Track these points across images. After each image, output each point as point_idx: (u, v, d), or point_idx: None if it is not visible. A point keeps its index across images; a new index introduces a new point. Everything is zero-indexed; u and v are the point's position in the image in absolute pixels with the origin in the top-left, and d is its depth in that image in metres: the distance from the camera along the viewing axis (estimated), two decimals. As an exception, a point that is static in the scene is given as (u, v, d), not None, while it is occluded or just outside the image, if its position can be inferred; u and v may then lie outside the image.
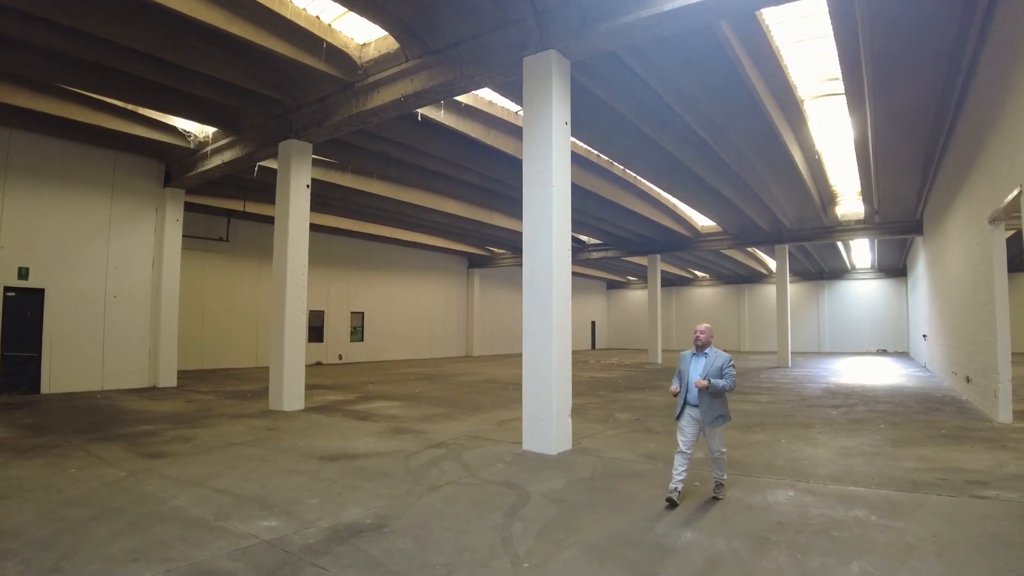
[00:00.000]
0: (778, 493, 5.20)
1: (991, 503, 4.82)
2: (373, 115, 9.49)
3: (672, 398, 5.23)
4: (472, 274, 31.41)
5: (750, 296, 39.10)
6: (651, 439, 7.80)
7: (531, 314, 7.18)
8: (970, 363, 10.42)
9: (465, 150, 13.86)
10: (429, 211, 19.86)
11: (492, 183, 16.54)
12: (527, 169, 7.33)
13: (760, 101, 10.35)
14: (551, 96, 7.15)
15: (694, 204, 19.98)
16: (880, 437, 7.62)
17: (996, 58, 7.50)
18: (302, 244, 10.62)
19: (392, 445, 7.34)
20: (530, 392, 7.12)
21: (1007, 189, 7.21)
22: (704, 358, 5.01)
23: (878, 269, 33.61)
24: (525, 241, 7.30)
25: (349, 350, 24.85)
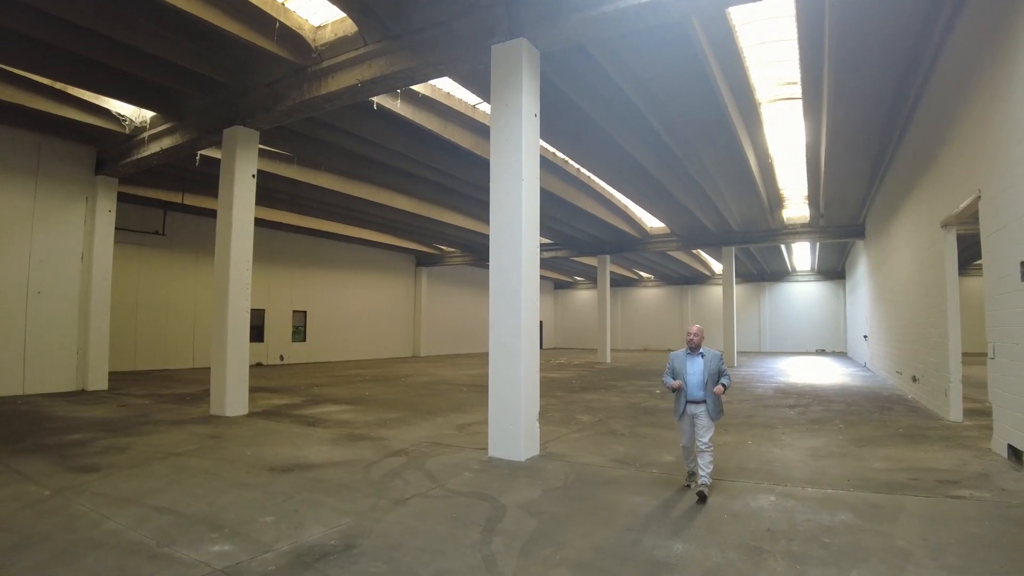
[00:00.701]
0: (759, 498, 5.06)
1: (967, 503, 4.82)
2: (327, 102, 8.92)
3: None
4: (420, 273, 30.79)
5: (693, 297, 40.06)
6: (618, 442, 7.60)
7: (498, 314, 6.83)
8: (917, 363, 10.77)
9: (420, 143, 13.37)
10: (378, 207, 19.20)
11: (446, 179, 16.10)
12: (495, 161, 6.99)
13: (722, 102, 10.38)
14: (521, 86, 6.84)
15: (646, 205, 20.15)
16: (843, 437, 7.68)
17: (954, 67, 7.70)
18: (246, 238, 9.91)
19: (349, 453, 6.84)
20: (497, 396, 6.77)
21: (964, 194, 7.40)
22: (700, 358, 5.20)
23: (817, 272, 35.02)
24: (493, 238, 6.95)
25: (291, 350, 23.84)
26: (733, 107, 10.85)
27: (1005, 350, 6.10)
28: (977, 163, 6.89)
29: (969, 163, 7.16)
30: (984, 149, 6.65)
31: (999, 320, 6.33)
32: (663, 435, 8.01)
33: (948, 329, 8.42)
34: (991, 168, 6.45)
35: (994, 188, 6.38)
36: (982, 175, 6.72)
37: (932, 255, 9.24)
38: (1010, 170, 5.87)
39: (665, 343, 40.02)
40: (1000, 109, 6.12)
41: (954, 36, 7.40)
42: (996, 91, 6.24)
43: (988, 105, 6.48)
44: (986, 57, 6.49)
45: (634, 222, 23.94)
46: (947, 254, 8.51)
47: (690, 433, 5.17)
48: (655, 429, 8.51)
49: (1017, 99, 5.69)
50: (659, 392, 13.34)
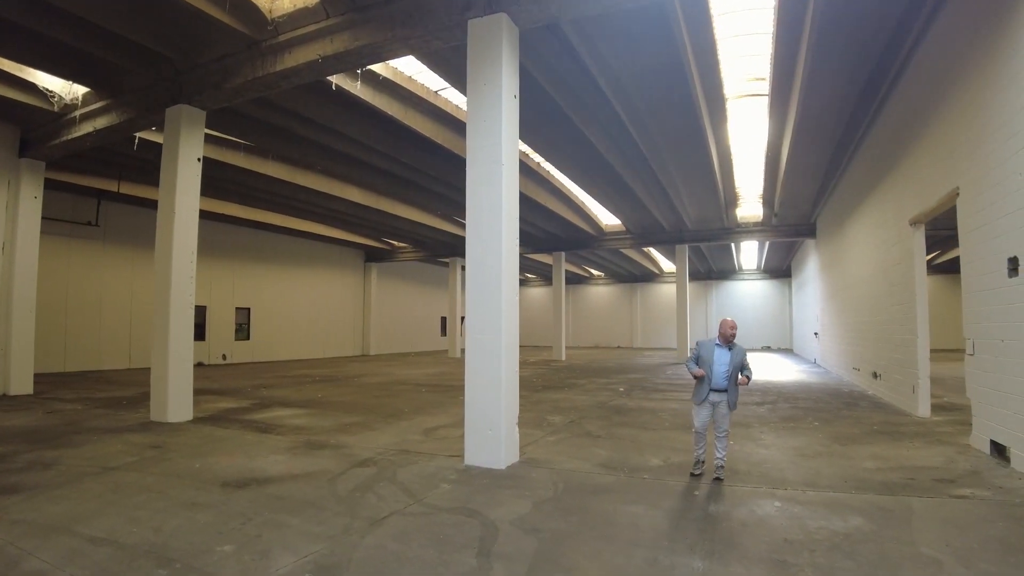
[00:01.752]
0: (763, 504, 4.78)
1: (973, 504, 4.69)
2: (283, 79, 8.16)
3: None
4: (369, 268, 29.78)
5: (642, 295, 40.52)
6: (597, 445, 7.24)
7: (476, 311, 6.34)
8: (879, 359, 10.94)
9: (378, 129, 12.69)
10: (329, 198, 18.28)
11: (403, 169, 15.43)
12: (472, 145, 6.48)
13: (694, 95, 10.21)
14: (501, 65, 6.35)
15: (605, 202, 20.00)
16: (822, 435, 7.58)
17: (930, 63, 7.72)
18: (191, 228, 9.01)
19: (309, 464, 6.19)
20: (475, 399, 6.27)
21: (938, 191, 7.41)
22: (729, 351, 5.41)
23: (763, 271, 36.02)
24: (469, 229, 6.44)
25: (234, 349, 22.53)
26: (702, 101, 10.71)
27: (989, 346, 6.08)
28: (955, 160, 6.89)
29: (946, 160, 7.18)
30: (963, 146, 6.65)
31: (980, 316, 6.32)
32: (640, 436, 7.73)
33: (917, 326, 8.50)
34: (971, 165, 6.44)
35: (976, 185, 6.36)
36: (961, 172, 6.72)
37: (899, 252, 9.34)
38: (997, 167, 5.83)
39: (615, 340, 40.38)
40: (984, 106, 6.09)
41: (934, 30, 7.41)
42: (979, 88, 6.21)
43: (969, 103, 6.47)
44: (968, 54, 6.48)
45: (590, 219, 23.84)
46: (916, 251, 8.58)
47: (705, 419, 5.47)
48: (630, 430, 8.21)
49: (1004, 97, 5.64)
50: (623, 390, 13.17)
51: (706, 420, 5.48)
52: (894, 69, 8.48)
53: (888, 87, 9.08)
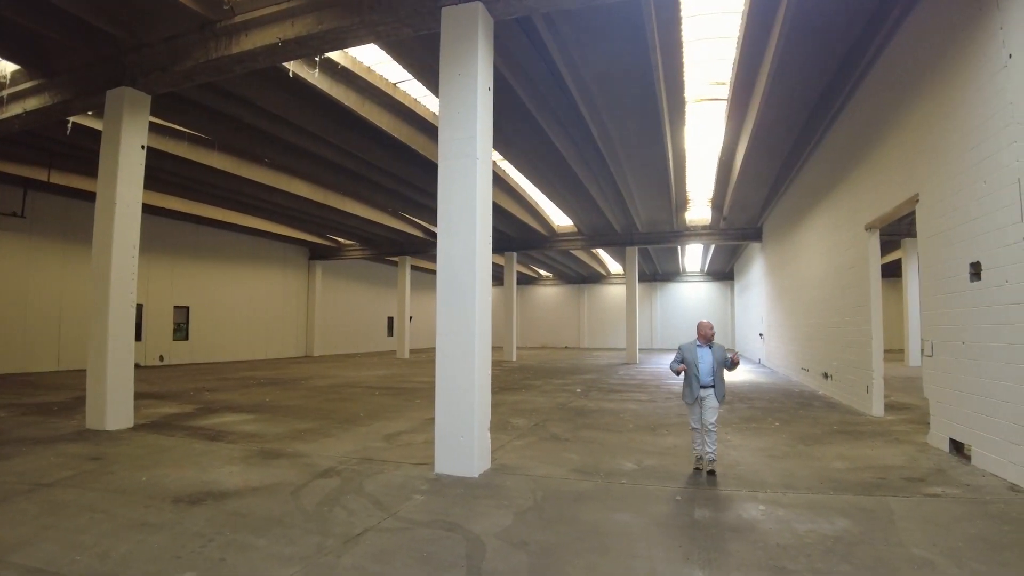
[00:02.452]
0: (748, 508, 4.71)
1: (948, 502, 4.77)
2: (237, 63, 7.59)
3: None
4: (314, 266, 28.76)
5: (590, 296, 41.00)
6: (566, 449, 7.06)
7: (448, 312, 6.03)
8: (830, 360, 11.28)
9: (332, 121, 12.15)
10: (275, 192, 17.45)
11: (355, 163, 14.88)
12: (445, 136, 6.17)
13: (658, 95, 10.22)
14: (476, 55, 6.08)
15: (559, 201, 19.93)
16: (785, 435, 7.68)
17: (892, 72, 7.95)
18: (132, 220, 8.32)
19: (268, 476, 5.73)
20: (446, 403, 5.96)
21: (897, 197, 7.65)
22: (710, 349, 5.79)
23: (707, 273, 37.06)
24: (441, 225, 6.13)
25: (172, 350, 21.29)
26: (665, 102, 10.75)
27: (950, 348, 6.27)
28: (915, 167, 7.12)
29: (905, 167, 7.41)
30: (924, 154, 6.87)
31: (940, 319, 6.53)
32: (607, 439, 7.61)
33: (871, 328, 8.77)
34: (932, 172, 6.65)
35: (936, 191, 6.57)
36: (921, 178, 6.94)
37: (853, 256, 9.64)
38: (959, 174, 6.02)
39: (563, 340, 40.65)
40: (947, 116, 6.29)
41: (897, 39, 7.59)
42: (942, 99, 6.41)
43: (930, 112, 6.67)
44: (931, 65, 6.68)
45: (543, 219, 23.81)
46: (871, 255, 8.86)
47: (698, 415, 5.78)
48: (596, 432, 8.10)
49: (969, 107, 5.82)
50: (580, 391, 13.10)
51: (698, 416, 5.82)
52: (854, 77, 8.72)
53: (846, 95, 9.36)
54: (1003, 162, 5.23)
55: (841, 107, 9.74)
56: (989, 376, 5.51)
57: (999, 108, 5.27)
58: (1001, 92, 5.23)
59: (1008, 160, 5.14)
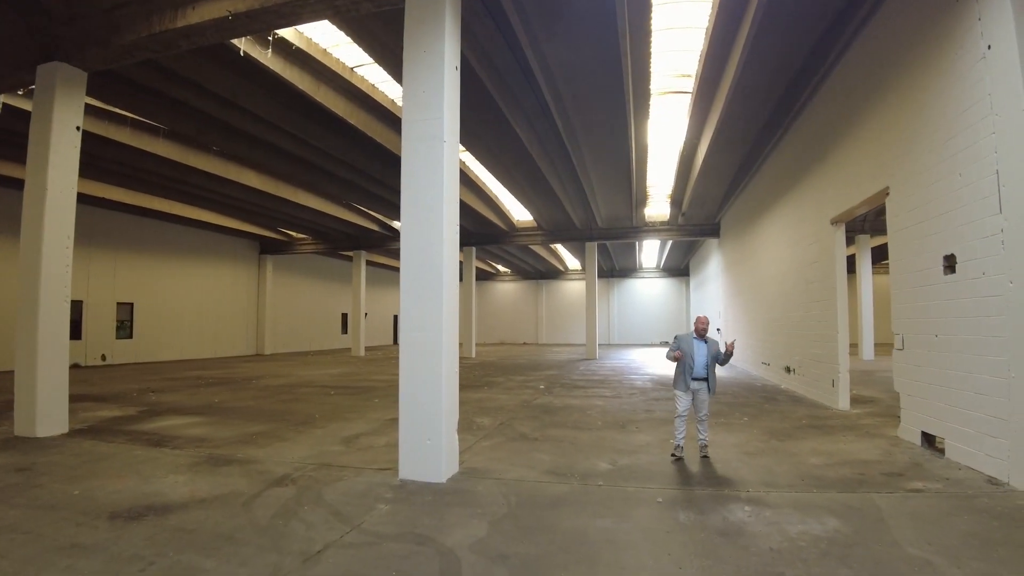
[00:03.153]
0: (733, 509, 4.51)
1: (932, 498, 4.69)
2: (183, 38, 6.93)
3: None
4: (265, 261, 27.58)
5: (547, 291, 40.97)
6: (536, 449, 6.76)
7: (413, 307, 5.62)
8: (792, 355, 11.37)
9: (285, 106, 11.49)
10: (224, 183, 16.54)
11: (308, 152, 14.18)
12: (409, 117, 5.75)
13: (625, 86, 10.02)
14: (443, 33, 5.69)
15: (520, 196, 19.61)
16: (756, 431, 7.58)
17: (861, 66, 7.93)
18: (66, 210, 7.54)
19: (216, 485, 5.20)
20: (411, 404, 5.55)
21: (865, 190, 7.65)
22: (705, 342, 6.00)
23: (663, 269, 37.51)
24: (405, 213, 5.72)
25: (115, 349, 20.02)
26: (631, 93, 10.56)
27: (922, 341, 6.26)
28: (885, 160, 7.11)
29: (874, 160, 7.40)
30: (894, 147, 6.86)
31: (911, 313, 6.52)
32: (578, 438, 7.34)
33: (837, 322, 8.80)
34: (903, 165, 6.64)
35: (907, 184, 6.56)
36: (891, 172, 6.93)
37: (817, 251, 9.68)
38: (932, 167, 6.00)
39: (521, 336, 40.48)
40: (920, 109, 6.26)
41: (865, 33, 7.58)
42: (914, 92, 6.39)
43: (902, 106, 6.65)
44: (903, 59, 6.66)
45: (503, 214, 23.47)
46: (837, 249, 8.89)
47: (687, 405, 6.02)
48: (565, 431, 7.82)
49: (944, 100, 5.79)
50: (543, 387, 12.85)
51: (687, 406, 6.02)
52: (822, 70, 8.72)
53: (814, 88, 9.35)
54: (980, 154, 5.19)
55: (807, 100, 9.75)
56: (964, 369, 5.49)
57: (977, 100, 5.23)
58: (979, 83, 5.19)
59: (986, 152, 5.10)
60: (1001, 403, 4.93)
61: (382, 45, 9.02)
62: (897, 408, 8.83)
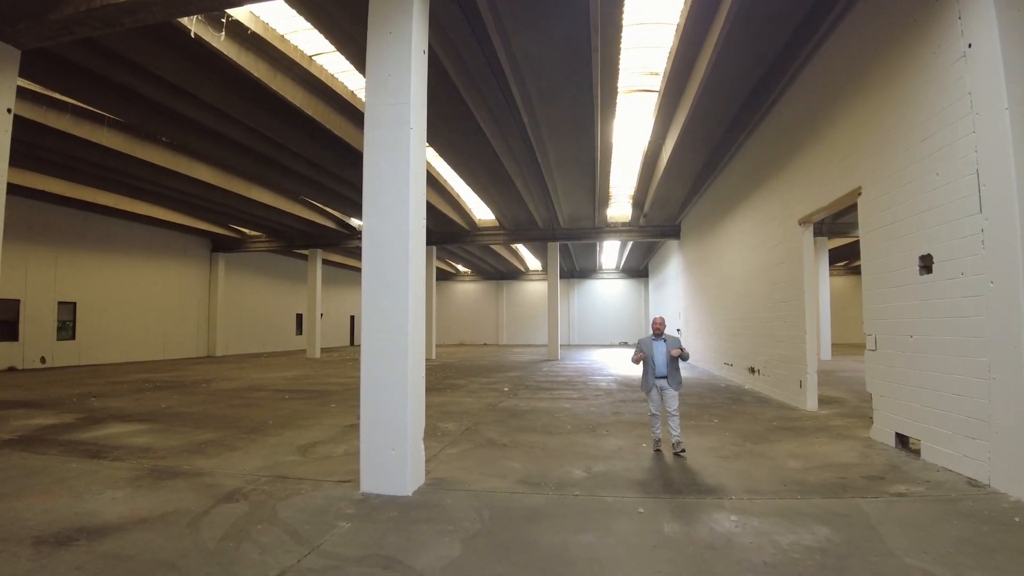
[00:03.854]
0: (718, 519, 4.29)
1: (917, 503, 4.58)
2: (127, 14, 6.29)
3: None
4: (216, 259, 26.39)
5: (508, 292, 40.73)
6: (506, 456, 6.43)
7: (376, 304, 5.21)
8: (757, 355, 11.38)
9: (239, 95, 10.85)
10: (173, 176, 15.64)
11: (262, 144, 13.51)
12: (372, 102, 5.35)
13: (595, 82, 9.81)
14: (411, 13, 5.31)
15: (482, 194, 19.24)
16: (729, 434, 7.45)
17: (829, 67, 7.91)
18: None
19: (160, 502, 4.68)
20: (374, 410, 5.14)
21: (836, 190, 7.64)
22: (663, 341, 6.34)
23: (622, 270, 37.74)
24: (367, 204, 5.30)
25: (56, 351, 18.76)
26: (600, 89, 10.36)
27: (896, 342, 6.22)
28: (857, 160, 7.08)
29: (846, 160, 7.38)
30: (867, 147, 6.83)
31: (884, 313, 6.48)
32: (548, 443, 7.06)
33: (805, 322, 8.79)
34: (877, 165, 6.60)
35: (881, 184, 6.52)
36: (864, 171, 6.90)
37: (784, 251, 9.67)
38: (908, 166, 5.96)
39: (481, 337, 40.10)
40: (895, 108, 6.23)
41: (839, 31, 7.53)
42: (890, 92, 6.35)
43: (876, 105, 6.61)
44: (877, 58, 6.61)
45: (464, 212, 23.06)
46: (805, 250, 8.88)
47: (658, 403, 6.36)
48: (534, 436, 7.53)
49: (920, 100, 5.75)
50: (507, 390, 12.54)
51: (658, 403, 6.36)
52: (792, 69, 8.67)
53: (783, 87, 9.31)
54: (959, 153, 5.14)
55: (777, 99, 9.71)
56: (941, 370, 5.44)
57: (955, 98, 5.18)
58: (958, 82, 5.14)
59: (965, 151, 5.05)
60: (981, 404, 4.88)
61: (343, 31, 8.55)
62: (865, 408, 8.92)
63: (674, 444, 6.18)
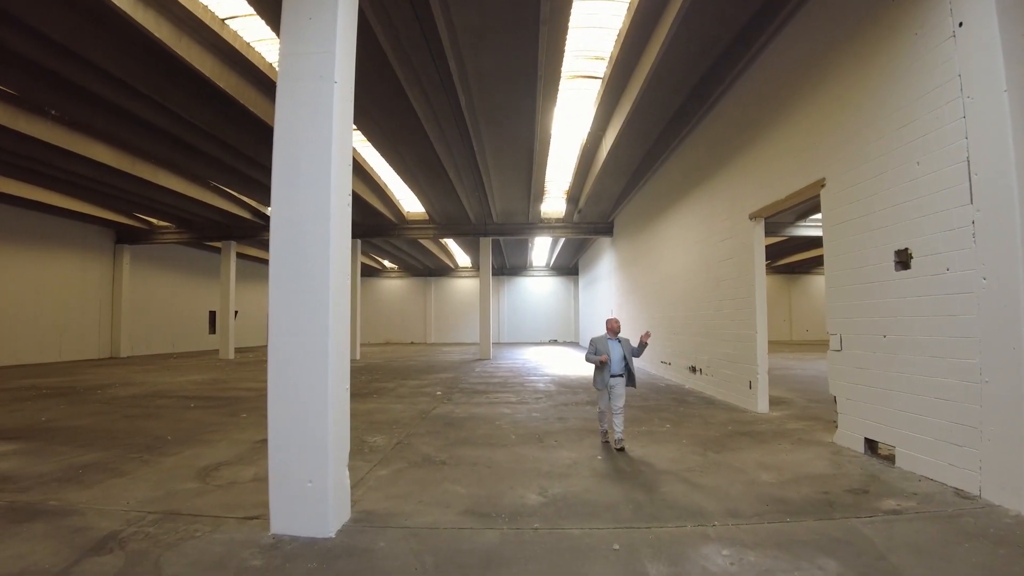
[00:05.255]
0: (707, 554, 3.65)
1: (915, 522, 4.12)
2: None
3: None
4: (121, 252, 23.90)
5: (436, 289, 39.57)
6: (446, 476, 5.56)
7: (289, 300, 4.20)
8: (699, 354, 11.05)
9: (140, 61, 9.42)
10: (67, 156, 13.63)
11: (170, 121, 11.90)
12: (287, 50, 4.33)
13: (540, 63, 9.08)
14: (336, -57, 4.33)
15: (411, 183, 18.13)
16: (686, 441, 6.92)
17: (787, 53, 7.54)
18: None
19: (4, 558, 3.51)
20: (286, 433, 4.13)
21: (794, 182, 7.28)
22: (618, 342, 6.55)
23: (552, 268, 37.47)
24: (277, 173, 4.26)
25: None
26: (543, 72, 9.64)
27: (866, 342, 5.87)
28: (820, 150, 6.74)
29: (807, 150, 7.03)
30: (834, 134, 6.47)
31: (851, 312, 6.13)
32: (493, 458, 6.24)
33: (756, 321, 8.45)
34: (845, 154, 6.26)
35: (848, 175, 6.18)
36: (828, 162, 6.54)
37: (731, 247, 9.33)
38: (882, 155, 5.60)
39: (408, 336, 38.72)
40: (870, 92, 5.86)
41: (807, 8, 7.12)
42: (859, 77, 6.00)
43: (848, 89, 6.24)
44: (847, 40, 6.25)
45: (392, 204, 21.83)
46: (756, 245, 8.54)
47: (607, 399, 6.56)
48: (477, 449, 6.69)
49: (899, 84, 5.38)
50: (440, 394, 11.64)
51: (606, 401, 6.58)
52: (749, 54, 8.25)
53: (736, 75, 8.90)
54: (945, 140, 4.77)
55: (729, 86, 9.25)
56: (920, 372, 5.08)
57: (942, 81, 4.81)
58: (946, 64, 4.76)
59: (953, 137, 4.68)
60: (970, 409, 4.51)
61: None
62: (816, 409, 8.73)
63: (616, 441, 6.40)
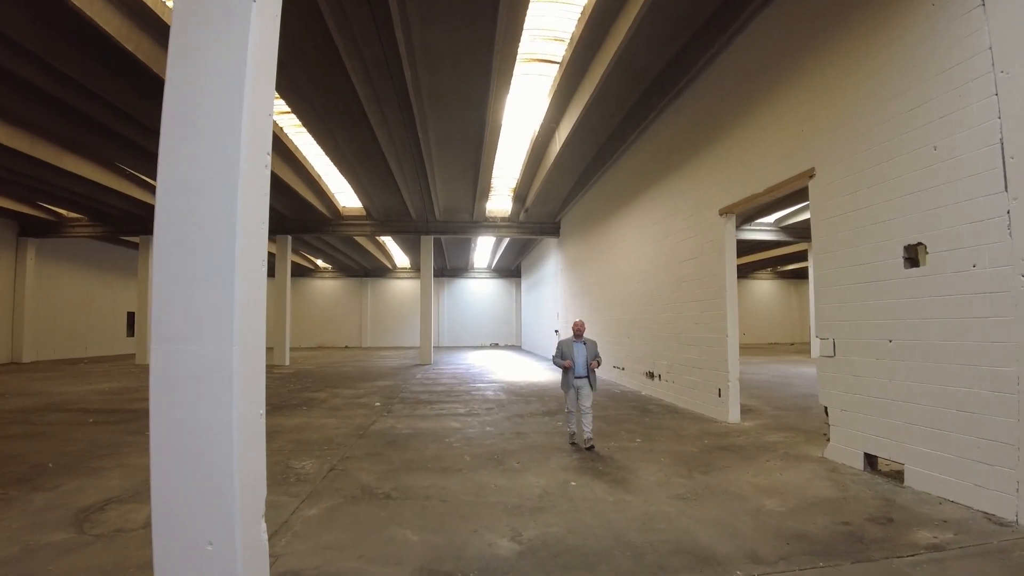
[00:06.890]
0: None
1: (968, 561, 3.49)
2: None
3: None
4: (25, 246, 21.66)
5: (373, 290, 37.98)
6: (395, 516, 4.53)
7: (176, 295, 3.07)
8: (658, 359, 10.43)
9: (33, 17, 7.80)
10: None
11: (75, 95, 10.28)
12: (186, -34, 3.22)
13: (493, 41, 8.19)
14: None
15: (349, 176, 16.83)
16: (665, 460, 6.16)
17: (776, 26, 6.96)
18: None
19: None
20: (174, 480, 3.01)
21: (775, 175, 6.74)
22: (583, 344, 6.67)
23: (494, 270, 36.60)
24: (168, 117, 3.13)
25: None
26: (499, 48, 8.73)
27: (868, 348, 5.30)
28: (807, 138, 6.21)
29: (791, 140, 6.49)
30: (827, 120, 5.96)
31: (847, 314, 5.57)
32: (447, 488, 5.26)
33: (727, 324, 7.86)
34: (840, 141, 5.74)
35: (845, 164, 5.65)
36: (820, 150, 6.01)
37: (696, 245, 8.75)
38: (886, 141, 5.07)
39: (342, 339, 36.91)
40: (874, 72, 5.34)
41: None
42: (864, 53, 5.44)
43: (845, 70, 5.71)
44: (846, 20, 5.70)
45: (326, 198, 20.35)
46: (727, 243, 7.96)
47: (573, 400, 6.66)
48: (427, 475, 5.69)
49: (911, 59, 4.83)
50: (379, 405, 10.51)
51: (574, 403, 6.68)
52: (726, 36, 7.59)
53: (709, 59, 8.21)
54: (971, 120, 4.23)
55: (699, 72, 8.56)
56: (936, 381, 4.52)
57: (967, 56, 4.27)
58: (973, 36, 4.22)
59: (982, 117, 4.14)
60: (1005, 424, 3.96)
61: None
62: (788, 418, 8.24)
63: (586, 440, 6.48)
